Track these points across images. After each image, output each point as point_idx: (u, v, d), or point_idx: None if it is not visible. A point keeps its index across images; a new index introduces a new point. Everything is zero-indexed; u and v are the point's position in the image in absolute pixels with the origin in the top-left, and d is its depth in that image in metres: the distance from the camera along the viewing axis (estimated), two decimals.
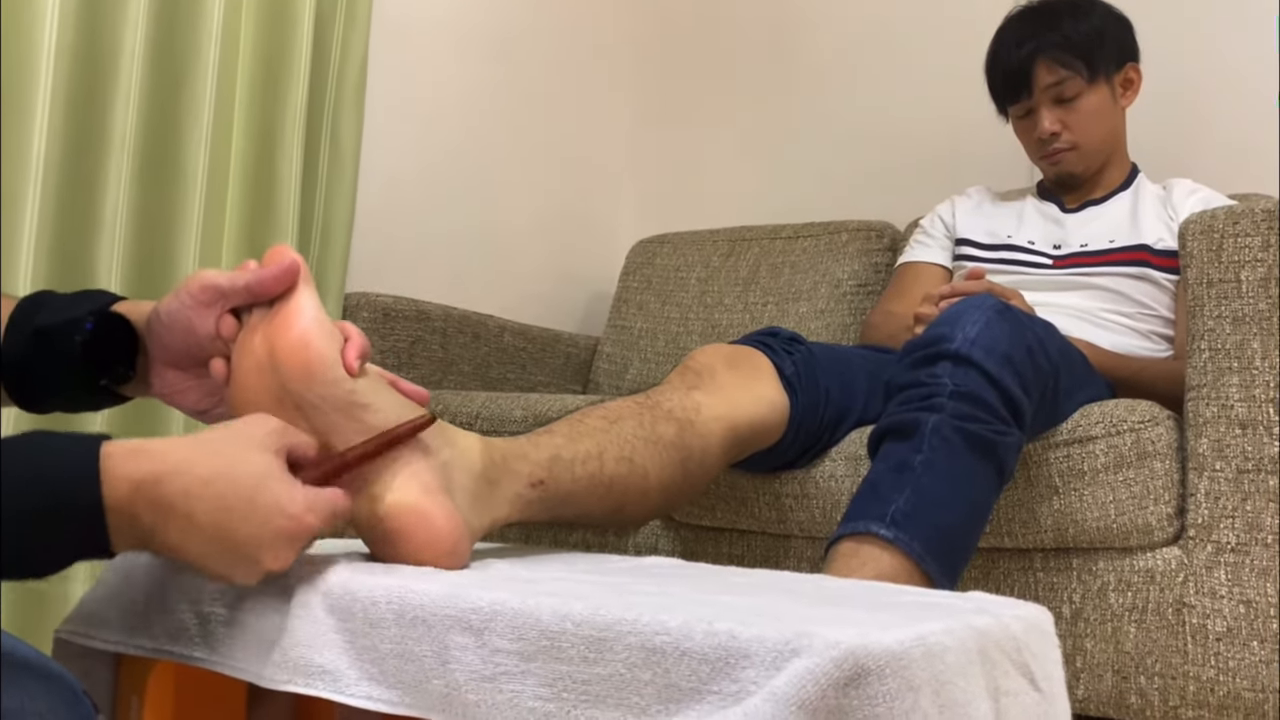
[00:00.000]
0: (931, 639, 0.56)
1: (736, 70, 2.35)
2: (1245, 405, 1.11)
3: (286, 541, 0.63)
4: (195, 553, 0.62)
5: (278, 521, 0.62)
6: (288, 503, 0.63)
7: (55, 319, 0.77)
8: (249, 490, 0.62)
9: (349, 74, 1.77)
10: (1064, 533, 1.16)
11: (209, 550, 0.62)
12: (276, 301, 0.71)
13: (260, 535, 0.62)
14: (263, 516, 0.62)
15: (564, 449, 0.85)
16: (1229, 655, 1.09)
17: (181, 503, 0.60)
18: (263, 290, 0.72)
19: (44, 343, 0.76)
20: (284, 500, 0.63)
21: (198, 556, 0.62)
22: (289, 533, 0.63)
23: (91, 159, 1.41)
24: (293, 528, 0.63)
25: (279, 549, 0.63)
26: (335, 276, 1.74)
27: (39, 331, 0.77)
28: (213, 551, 0.62)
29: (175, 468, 0.61)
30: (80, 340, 0.75)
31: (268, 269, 0.71)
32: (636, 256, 2.21)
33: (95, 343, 0.76)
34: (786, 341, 1.18)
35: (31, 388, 0.77)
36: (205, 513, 0.61)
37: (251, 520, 0.62)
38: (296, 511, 0.63)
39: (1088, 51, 1.51)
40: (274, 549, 0.63)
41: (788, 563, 1.31)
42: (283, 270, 0.71)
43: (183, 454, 0.62)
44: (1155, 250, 1.50)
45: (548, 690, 0.57)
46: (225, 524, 0.61)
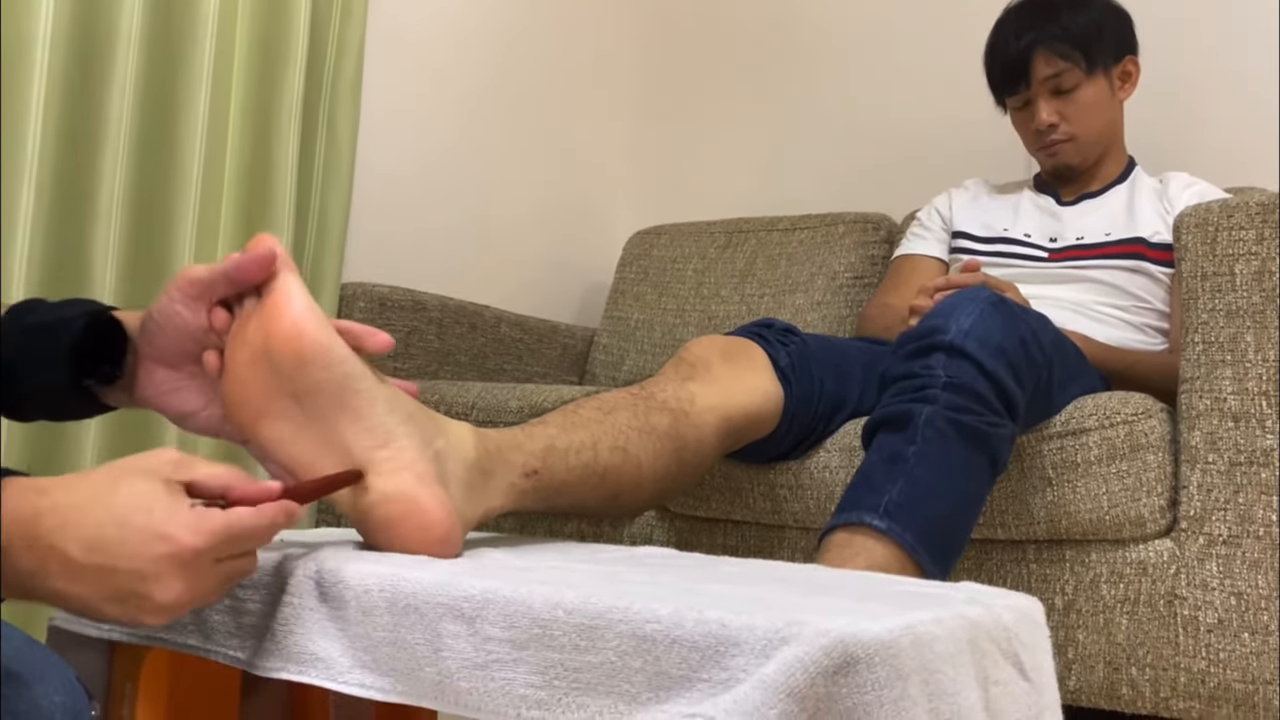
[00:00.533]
0: (921, 628, 0.56)
1: (734, 63, 2.35)
2: (1238, 398, 1.11)
3: (173, 568, 0.57)
4: (79, 594, 0.57)
5: (155, 546, 0.57)
6: (165, 523, 0.57)
7: (46, 318, 0.76)
8: (124, 514, 0.57)
9: (346, 64, 1.76)
10: (1057, 524, 1.17)
11: (94, 590, 0.57)
12: (265, 292, 0.70)
13: (140, 564, 0.57)
14: (139, 541, 0.56)
15: (558, 439, 0.85)
16: (1220, 647, 1.10)
17: (59, 538, 0.56)
18: (242, 276, 0.70)
19: (32, 340, 0.75)
20: (161, 521, 0.57)
21: (84, 599, 0.57)
22: (170, 557, 0.57)
23: (87, 148, 1.41)
24: (173, 551, 0.57)
25: (164, 578, 0.57)
26: (331, 267, 1.74)
27: (27, 329, 0.75)
28: (97, 591, 0.57)
29: (55, 503, 0.57)
30: (68, 339, 0.74)
31: (245, 255, 0.70)
32: (633, 248, 2.21)
33: (84, 343, 0.75)
34: (781, 333, 1.19)
35: (15, 390, 0.75)
36: (80, 545, 0.56)
37: (128, 545, 0.56)
38: (174, 532, 0.57)
39: (1086, 43, 1.51)
40: (158, 579, 0.57)
41: (782, 553, 1.32)
42: (262, 256, 0.70)
43: (66, 489, 0.58)
44: (1151, 243, 1.50)
45: (539, 678, 0.57)
46: (101, 554, 0.56)
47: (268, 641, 0.67)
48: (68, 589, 0.57)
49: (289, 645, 0.66)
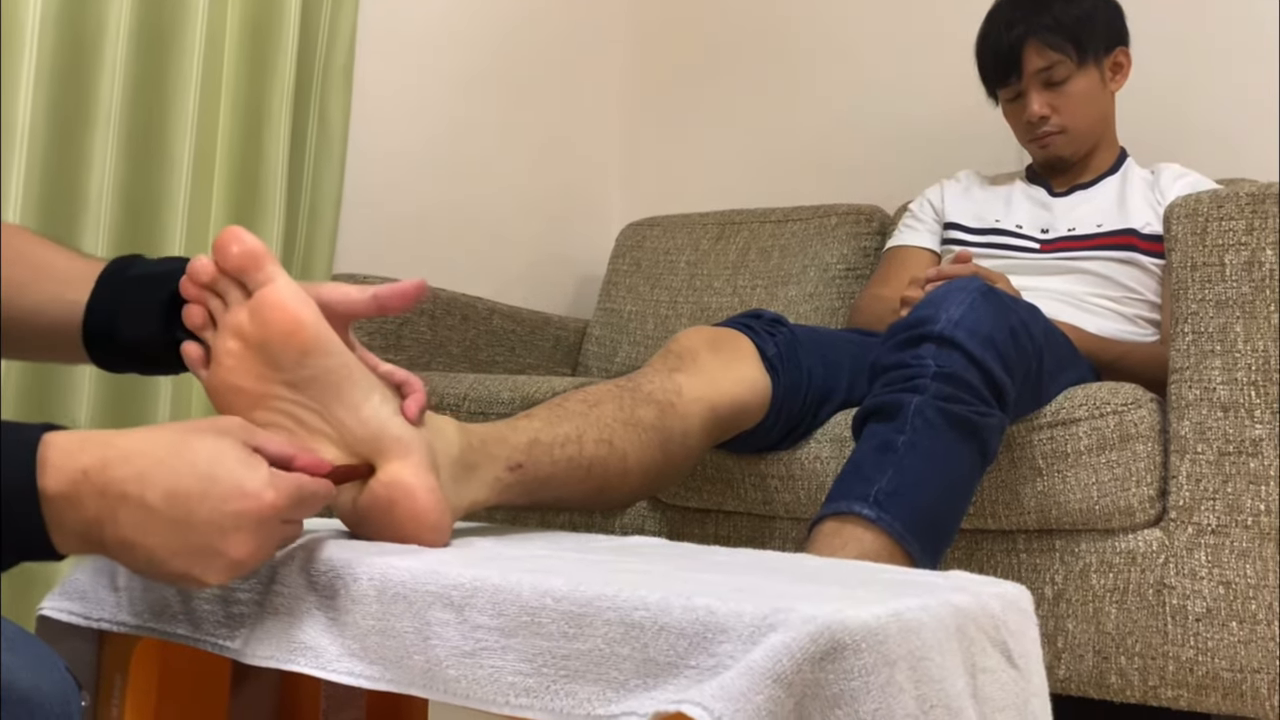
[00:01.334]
0: (908, 615, 0.56)
1: (727, 54, 2.35)
2: (1227, 388, 1.12)
3: (251, 524, 0.59)
4: (151, 544, 0.57)
5: (237, 502, 0.58)
6: (248, 480, 0.58)
7: (149, 270, 0.76)
8: (206, 467, 0.58)
9: (337, 54, 1.76)
10: (1047, 514, 1.17)
11: (166, 540, 0.57)
12: (255, 285, 0.70)
13: (222, 517, 0.58)
14: (221, 494, 0.57)
15: (542, 432, 0.85)
16: (1208, 635, 1.11)
17: (134, 487, 0.56)
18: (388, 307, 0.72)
19: (133, 291, 0.75)
20: (243, 477, 0.58)
21: (154, 549, 0.57)
22: (251, 514, 0.58)
23: (77, 137, 1.40)
24: (254, 507, 0.58)
25: (244, 533, 0.58)
26: (323, 257, 1.74)
27: (129, 280, 0.76)
28: (173, 542, 0.57)
29: (126, 452, 0.57)
30: (168, 290, 0.74)
31: (393, 289, 0.72)
32: (626, 239, 2.21)
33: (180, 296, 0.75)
34: (769, 323, 1.19)
35: (112, 340, 0.76)
36: (159, 495, 0.56)
37: (209, 499, 0.57)
38: (256, 488, 0.58)
39: (1077, 34, 1.51)
40: (238, 533, 0.58)
41: (773, 543, 1.32)
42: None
43: (134, 440, 0.58)
44: (1142, 235, 1.50)
45: (528, 665, 0.57)
46: (182, 505, 0.57)
47: (257, 631, 0.67)
48: (138, 539, 0.57)
49: (278, 634, 0.66)
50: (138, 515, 0.57)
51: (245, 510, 0.58)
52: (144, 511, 0.57)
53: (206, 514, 0.58)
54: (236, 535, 0.58)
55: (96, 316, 0.76)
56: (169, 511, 0.57)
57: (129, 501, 0.56)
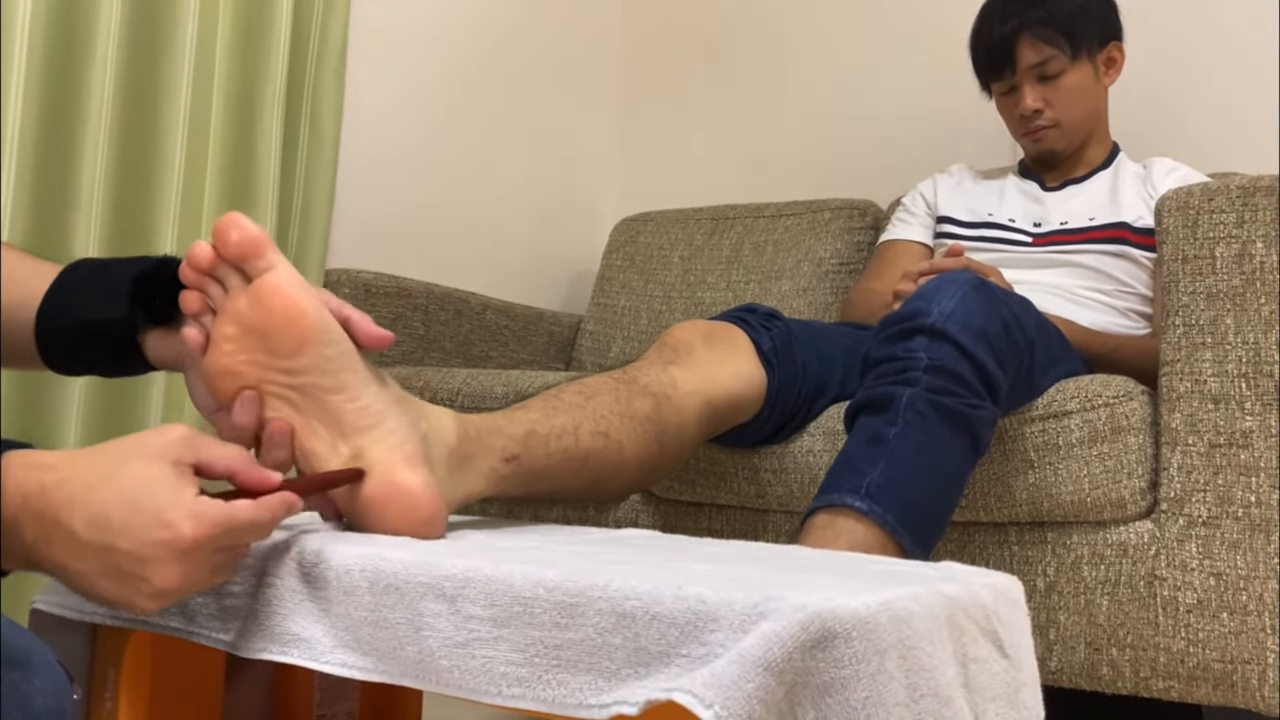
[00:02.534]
0: (899, 604, 0.57)
1: (720, 50, 2.35)
2: (1218, 380, 1.12)
3: (169, 554, 0.58)
4: (79, 570, 0.58)
5: (156, 532, 0.57)
6: (168, 509, 0.58)
7: (118, 259, 0.77)
8: (131, 496, 0.57)
9: (329, 50, 1.75)
10: (1039, 506, 1.17)
11: (93, 567, 0.58)
12: (255, 271, 0.70)
13: (140, 547, 0.57)
14: (142, 523, 0.57)
15: (539, 424, 0.85)
16: (1199, 627, 1.11)
17: (65, 514, 0.57)
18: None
19: (94, 275, 0.75)
20: (166, 507, 0.58)
21: (83, 574, 0.58)
22: (167, 544, 0.57)
23: (68, 135, 1.40)
24: (171, 538, 0.57)
25: (163, 564, 0.58)
26: (316, 253, 1.74)
27: (92, 267, 0.76)
28: (96, 568, 0.58)
29: (62, 478, 0.57)
30: (132, 273, 0.75)
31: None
32: (620, 235, 2.21)
33: (148, 280, 0.76)
34: (764, 317, 1.19)
35: (65, 326, 0.75)
36: (84, 523, 0.57)
37: (130, 528, 0.57)
38: (175, 519, 0.57)
39: (1071, 29, 1.51)
40: (158, 564, 0.57)
41: (766, 536, 1.32)
42: (255, 241, 0.69)
43: (74, 464, 0.58)
44: (1134, 228, 1.51)
45: (520, 655, 0.57)
46: (104, 533, 0.57)
47: (251, 623, 0.67)
48: (68, 563, 0.58)
49: (272, 626, 0.66)
50: (66, 540, 0.57)
51: (164, 541, 0.58)
52: (71, 537, 0.57)
53: (128, 544, 0.57)
54: (156, 566, 0.58)
55: (51, 310, 0.76)
56: (92, 538, 0.57)
57: (60, 527, 0.57)
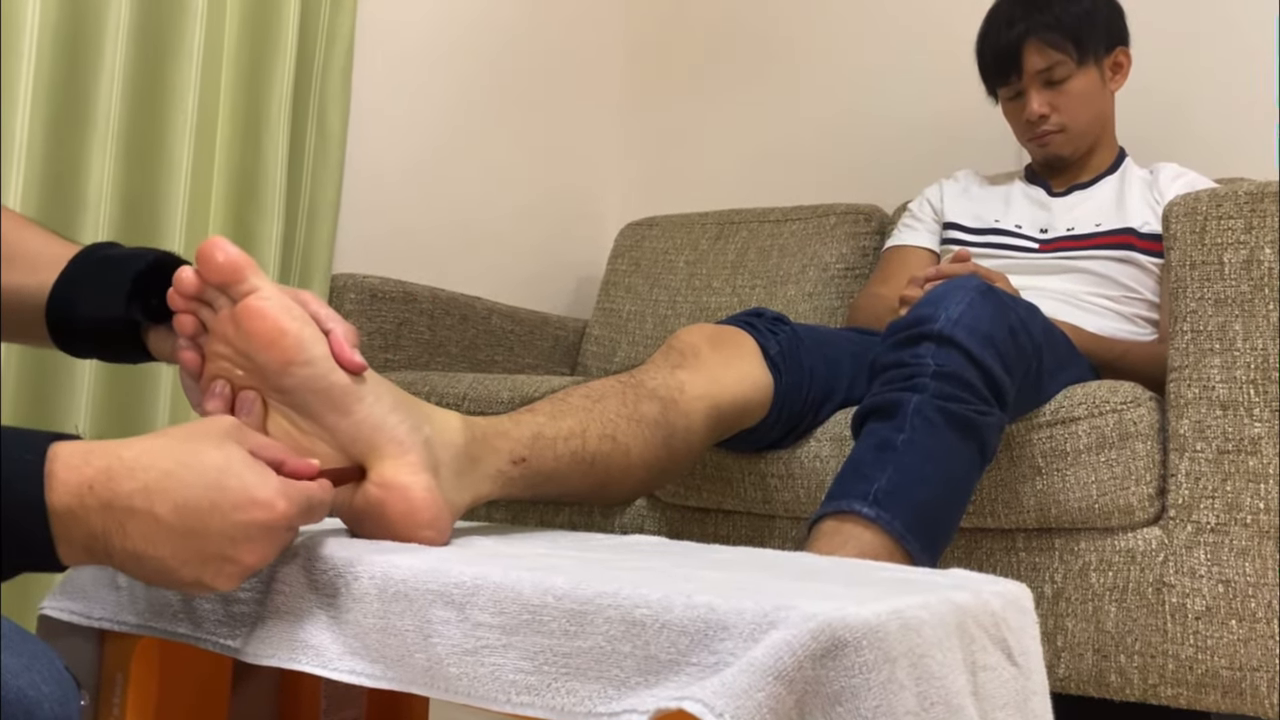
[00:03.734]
0: (909, 612, 0.56)
1: (725, 54, 2.35)
2: (1226, 386, 1.12)
3: (262, 532, 0.59)
4: (162, 555, 0.57)
5: (250, 511, 0.58)
6: (259, 488, 0.58)
7: (121, 253, 0.78)
8: (216, 478, 0.58)
9: (336, 55, 1.76)
10: (1046, 513, 1.17)
11: (179, 552, 0.57)
12: (237, 294, 0.70)
13: (233, 527, 0.58)
14: (233, 504, 0.57)
15: (546, 427, 0.85)
16: (1207, 634, 1.11)
17: (142, 500, 0.56)
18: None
19: (101, 270, 0.76)
20: (255, 487, 0.58)
21: (165, 559, 0.57)
22: (264, 522, 0.59)
23: (76, 142, 1.40)
24: (267, 516, 0.59)
25: (255, 542, 0.59)
26: (322, 258, 1.74)
27: (99, 260, 0.77)
28: (183, 552, 0.57)
29: (131, 464, 0.56)
30: (133, 270, 0.76)
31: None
32: (625, 239, 2.21)
33: (147, 276, 0.76)
34: (771, 321, 1.19)
35: (72, 319, 0.77)
36: (169, 507, 0.56)
37: (221, 509, 0.57)
38: (268, 497, 0.59)
39: (1078, 34, 1.51)
40: (250, 542, 0.58)
41: (773, 542, 1.32)
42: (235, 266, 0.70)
43: (138, 450, 0.57)
44: (1141, 234, 1.50)
45: (529, 663, 0.57)
46: (193, 517, 0.57)
47: (258, 629, 0.67)
48: (148, 550, 0.57)
49: (280, 633, 0.66)
50: (147, 528, 0.56)
51: (257, 520, 0.59)
52: (154, 524, 0.56)
53: (218, 524, 0.58)
54: (248, 544, 0.59)
55: (59, 297, 0.77)
56: (180, 523, 0.57)
57: (137, 515, 0.56)
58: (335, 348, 0.71)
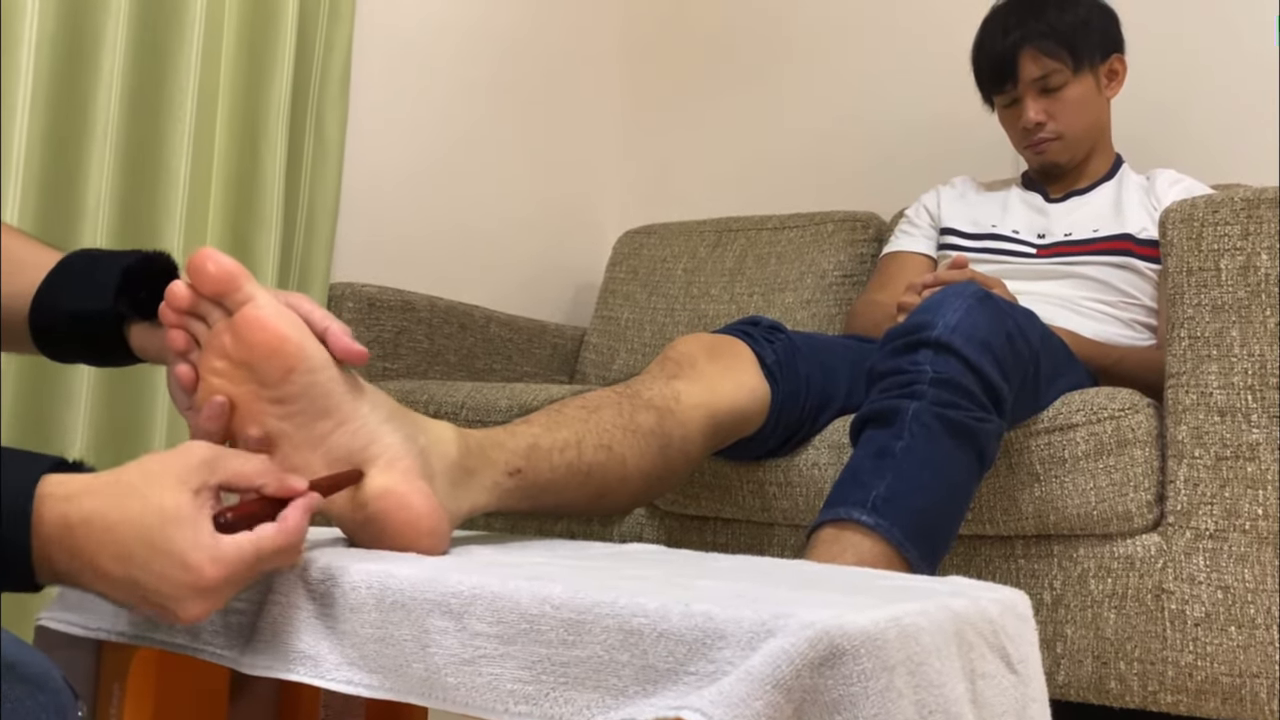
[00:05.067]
0: (907, 620, 0.56)
1: (723, 62, 2.35)
2: (1224, 393, 1.12)
3: (191, 594, 0.59)
4: (115, 597, 0.61)
5: (178, 574, 0.59)
6: (189, 552, 0.59)
7: (107, 253, 0.78)
8: (152, 534, 0.59)
9: (334, 65, 1.76)
10: (1045, 520, 1.17)
11: (126, 596, 0.60)
12: (234, 305, 0.70)
13: (166, 584, 0.59)
14: (162, 566, 0.59)
15: (542, 438, 0.85)
16: (1207, 640, 1.11)
17: (91, 551, 0.59)
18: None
19: (86, 268, 0.77)
20: (186, 550, 0.59)
21: (120, 600, 0.61)
22: (190, 586, 0.59)
23: (74, 150, 1.40)
24: (192, 581, 0.59)
25: (186, 601, 0.60)
26: (320, 267, 1.74)
27: (86, 259, 0.78)
28: (129, 597, 0.60)
29: (87, 516, 0.59)
30: (121, 265, 0.76)
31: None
32: (623, 247, 2.21)
33: (136, 271, 0.76)
34: (767, 330, 1.19)
35: (55, 317, 0.77)
36: (110, 561, 0.59)
37: (151, 570, 0.59)
38: (197, 562, 0.59)
39: (1073, 42, 1.52)
40: (179, 601, 0.60)
41: (771, 550, 1.32)
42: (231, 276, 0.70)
43: (98, 499, 0.59)
44: (1138, 240, 1.51)
45: (527, 673, 0.57)
46: (129, 572, 0.59)
47: (256, 640, 0.67)
48: (104, 591, 0.61)
49: (277, 643, 0.66)
50: (96, 576, 0.60)
51: (186, 583, 0.59)
52: (99, 575, 0.59)
53: (153, 581, 0.59)
54: (182, 603, 0.60)
55: (43, 297, 0.77)
56: (124, 575, 0.59)
57: (86, 565, 0.59)
58: (334, 342, 0.71)
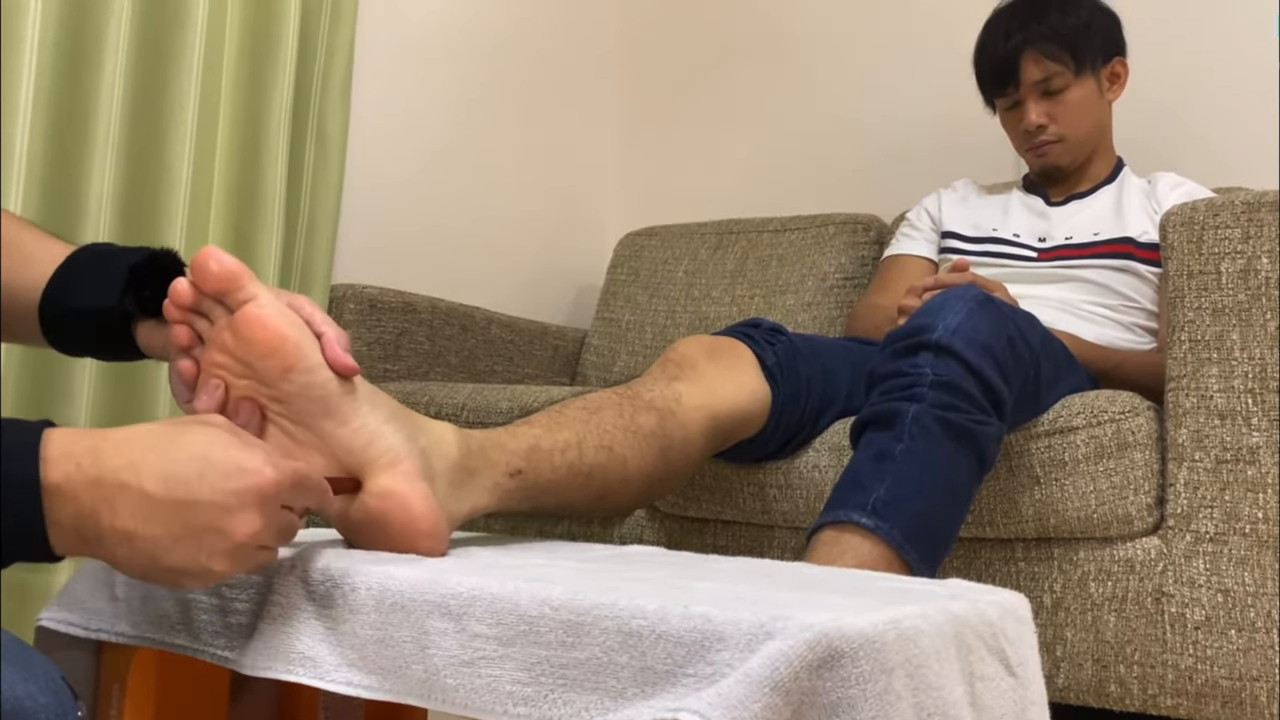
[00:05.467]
0: (906, 622, 0.56)
1: (724, 64, 2.36)
2: (1224, 396, 1.12)
3: (254, 500, 0.58)
4: (150, 535, 0.56)
5: (239, 479, 0.57)
6: (246, 458, 0.58)
7: (119, 248, 0.78)
8: (203, 450, 0.57)
9: (335, 67, 1.76)
10: (1045, 522, 1.17)
11: (167, 528, 0.56)
12: (235, 303, 0.70)
13: (223, 494, 0.57)
14: (221, 472, 0.57)
15: (543, 439, 0.85)
16: (1207, 644, 1.11)
17: (130, 475, 0.55)
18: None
19: (95, 263, 0.77)
20: (242, 457, 0.58)
21: (157, 538, 0.56)
22: (253, 490, 0.58)
23: (75, 152, 1.40)
24: (256, 483, 0.58)
25: (248, 510, 0.57)
26: (321, 268, 1.74)
27: (95, 254, 0.78)
28: (171, 529, 0.56)
29: (118, 443, 0.56)
30: (128, 262, 0.76)
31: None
32: (624, 249, 2.21)
33: (143, 269, 0.77)
34: (768, 332, 1.19)
35: (64, 311, 0.77)
36: (156, 480, 0.56)
37: (209, 478, 0.56)
38: (255, 465, 0.58)
39: (1075, 44, 1.52)
40: (243, 510, 0.57)
41: (771, 553, 1.32)
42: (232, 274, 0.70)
43: (125, 432, 0.58)
44: (1139, 243, 1.51)
45: (526, 674, 0.57)
46: (181, 487, 0.56)
47: (256, 641, 0.67)
48: (138, 528, 0.56)
49: (277, 644, 0.66)
50: (136, 503, 0.55)
51: (247, 486, 0.58)
52: (142, 498, 0.56)
53: (208, 493, 0.57)
54: (241, 513, 0.57)
55: (53, 291, 0.77)
56: (168, 495, 0.56)
57: (127, 490, 0.55)
58: (327, 351, 0.71)
